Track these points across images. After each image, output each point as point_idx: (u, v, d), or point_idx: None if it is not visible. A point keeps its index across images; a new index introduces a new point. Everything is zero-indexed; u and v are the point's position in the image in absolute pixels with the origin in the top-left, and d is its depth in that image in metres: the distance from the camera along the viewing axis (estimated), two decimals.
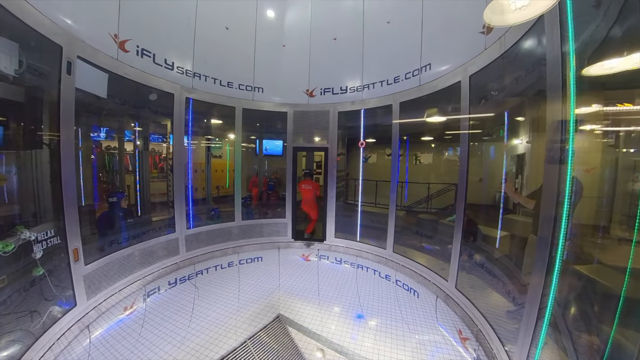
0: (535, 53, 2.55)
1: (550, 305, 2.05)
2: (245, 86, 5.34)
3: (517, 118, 4.15)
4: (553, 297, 2.03)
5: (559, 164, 1.97)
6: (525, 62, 2.83)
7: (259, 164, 8.71)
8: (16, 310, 2.43)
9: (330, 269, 5.41)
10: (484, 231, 4.09)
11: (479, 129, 3.82)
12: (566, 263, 2.02)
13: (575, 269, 2.21)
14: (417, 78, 4.34)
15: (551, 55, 2.06)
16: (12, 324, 2.35)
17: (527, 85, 3.02)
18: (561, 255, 1.97)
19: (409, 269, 4.56)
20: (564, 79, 1.93)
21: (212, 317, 4.02)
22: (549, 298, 2.05)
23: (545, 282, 2.06)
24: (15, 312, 2.42)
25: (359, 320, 3.69)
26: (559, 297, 2.07)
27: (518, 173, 4.51)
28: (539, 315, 2.12)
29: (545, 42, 2.16)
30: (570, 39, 1.92)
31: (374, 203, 7.91)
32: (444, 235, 4.60)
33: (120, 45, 3.46)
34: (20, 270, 2.54)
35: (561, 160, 1.95)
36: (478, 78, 3.36)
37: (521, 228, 3.43)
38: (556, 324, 2.15)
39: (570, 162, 1.90)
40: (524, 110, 3.89)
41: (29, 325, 2.42)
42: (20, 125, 2.68)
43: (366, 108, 5.27)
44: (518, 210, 3.83)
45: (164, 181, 6.28)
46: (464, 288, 3.54)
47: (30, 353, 2.31)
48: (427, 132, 8.17)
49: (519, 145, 4.50)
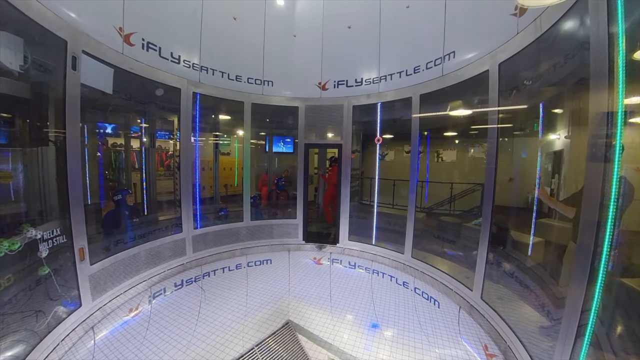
0: (577, 36, 2.39)
1: (592, 323, 1.91)
2: (254, 80, 5.35)
3: (554, 110, 3.93)
4: (595, 313, 1.89)
5: (603, 162, 1.83)
6: (565, 47, 2.66)
7: (269, 162, 8.76)
8: (21, 310, 2.55)
9: (343, 274, 5.36)
10: (514, 236, 3.92)
11: (510, 122, 3.67)
12: (611, 275, 1.89)
13: (623, 282, 2.05)
14: (439, 68, 4.20)
15: (596, 37, 1.90)
16: (18, 324, 2.46)
17: (567, 73, 2.85)
18: (605, 266, 1.83)
19: (429, 276, 4.44)
20: (611, 64, 1.78)
21: (218, 322, 4.07)
22: (590, 314, 1.91)
23: (585, 296, 1.92)
24: (21, 311, 2.54)
25: (373, 329, 3.63)
26: (602, 313, 1.93)
27: (555, 172, 4.28)
28: (578, 333, 1.98)
29: (588, 22, 2.00)
30: (619, 18, 1.77)
31: (391, 204, 7.81)
32: (469, 240, 4.45)
33: (126, 39, 3.55)
34: (25, 269, 2.65)
35: (606, 157, 1.81)
36: (509, 66, 3.19)
37: (558, 234, 3.25)
38: (599, 344, 2.00)
39: (617, 159, 1.76)
40: (562, 101, 3.67)
41: (34, 325, 2.53)
42: (25, 122, 2.79)
43: (383, 101, 5.16)
44: (554, 214, 3.62)
45: (171, 179, 6.43)
46: (490, 299, 3.39)
47: (34, 353, 2.41)
48: (450, 127, 7.95)
49: (556, 141, 4.27)
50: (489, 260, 3.44)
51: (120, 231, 4.08)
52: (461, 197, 8.08)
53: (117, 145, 6.16)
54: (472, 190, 7.91)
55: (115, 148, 6.11)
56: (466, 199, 7.92)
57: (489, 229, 3.36)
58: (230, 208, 6.16)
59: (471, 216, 5.85)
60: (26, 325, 2.49)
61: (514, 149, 5.33)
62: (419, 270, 4.64)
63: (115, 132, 6.02)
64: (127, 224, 4.24)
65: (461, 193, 8.13)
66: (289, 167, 8.26)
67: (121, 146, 6.15)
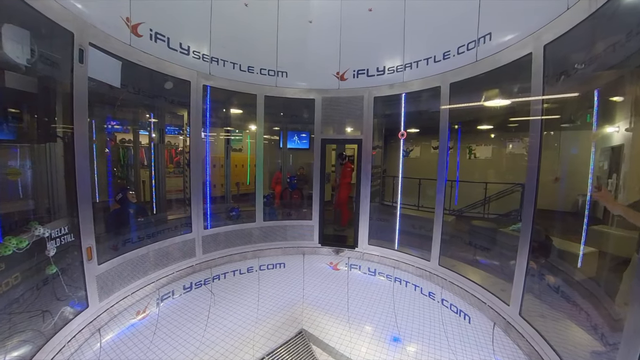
0: None
1: None
2: (267, 71, 5.34)
3: (612, 98, 3.61)
4: None
5: None
6: (627, 22, 2.41)
7: (283, 159, 8.78)
8: (28, 310, 2.67)
9: (362, 281, 5.26)
10: (561, 245, 3.65)
11: (557, 113, 3.41)
12: None
13: None
14: (472, 52, 3.97)
15: None
16: (24, 324, 2.58)
17: (629, 54, 2.60)
18: None
19: (459, 287, 4.24)
20: None
21: (228, 328, 4.11)
22: None
23: None
24: (27, 311, 2.66)
25: (394, 343, 3.53)
26: None
27: (612, 171, 3.94)
28: None
29: None
30: None
31: (416, 205, 7.61)
32: (506, 248, 4.23)
33: (133, 30, 3.62)
34: (33, 268, 2.78)
35: None
36: (556, 48, 2.95)
37: (617, 244, 2.98)
38: None
39: None
40: (622, 87, 3.36)
41: (40, 326, 2.65)
42: (33, 117, 2.92)
43: (408, 92, 4.99)
44: (611, 220, 3.33)
45: (181, 177, 6.58)
46: (531, 316, 3.17)
47: (40, 354, 2.52)
48: (484, 120, 7.58)
49: (614, 135, 3.93)
50: (529, 271, 3.23)
51: (127, 230, 4.21)
52: (497, 198, 7.72)
53: (125, 141, 6.39)
54: (510, 191, 7.53)
55: (124, 144, 6.33)
56: (503, 201, 7.55)
57: (529, 235, 3.15)
58: (242, 207, 6.22)
59: (509, 220, 5.57)
60: (33, 325, 2.61)
61: (561, 144, 4.98)
62: (447, 279, 4.45)
63: (124, 127, 6.25)
64: (132, 223, 4.35)
65: (497, 194, 7.76)
66: (305, 165, 8.23)
67: (129, 142, 6.37)
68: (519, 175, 5.98)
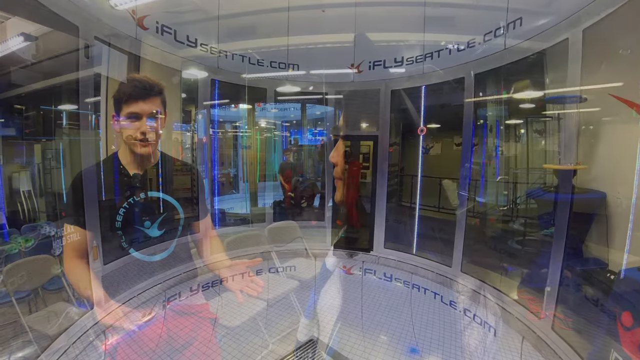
0: None
1: None
2: (277, 63, 5.33)
3: None
4: None
5: None
6: None
7: (294, 156, 8.77)
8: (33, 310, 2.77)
9: (377, 287, 5.19)
10: (598, 253, 3.46)
11: (596, 106, 3.23)
12: None
13: None
14: (500, 40, 3.83)
15: None
16: (29, 323, 2.67)
17: None
18: None
19: (483, 296, 4.12)
20: None
21: (235, 332, 4.13)
22: None
23: None
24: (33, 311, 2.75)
25: (412, 355, 3.45)
26: None
27: None
28: None
29: None
30: None
31: (436, 206, 7.44)
32: (536, 255, 4.09)
33: (139, 22, 3.68)
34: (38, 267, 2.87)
35: None
36: (596, 32, 2.82)
37: None
38: None
39: None
40: None
41: (45, 326, 2.73)
42: (39, 113, 3.01)
43: (428, 84, 4.88)
44: None
45: (188, 175, 6.67)
46: (565, 331, 3.03)
47: (45, 356, 2.60)
48: (513, 114, 7.32)
49: None
50: (563, 280, 3.08)
51: (132, 230, 4.29)
52: (527, 200, 7.45)
53: (132, 137, 6.54)
54: (541, 192, 7.24)
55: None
56: (533, 204, 7.28)
57: (564, 241, 3.01)
58: (252, 209, 6.26)
59: (540, 224, 5.36)
60: (37, 325, 2.70)
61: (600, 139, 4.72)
62: (470, 287, 4.34)
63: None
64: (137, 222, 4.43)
65: (527, 195, 7.49)
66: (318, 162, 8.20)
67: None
68: (551, 174, 5.75)
